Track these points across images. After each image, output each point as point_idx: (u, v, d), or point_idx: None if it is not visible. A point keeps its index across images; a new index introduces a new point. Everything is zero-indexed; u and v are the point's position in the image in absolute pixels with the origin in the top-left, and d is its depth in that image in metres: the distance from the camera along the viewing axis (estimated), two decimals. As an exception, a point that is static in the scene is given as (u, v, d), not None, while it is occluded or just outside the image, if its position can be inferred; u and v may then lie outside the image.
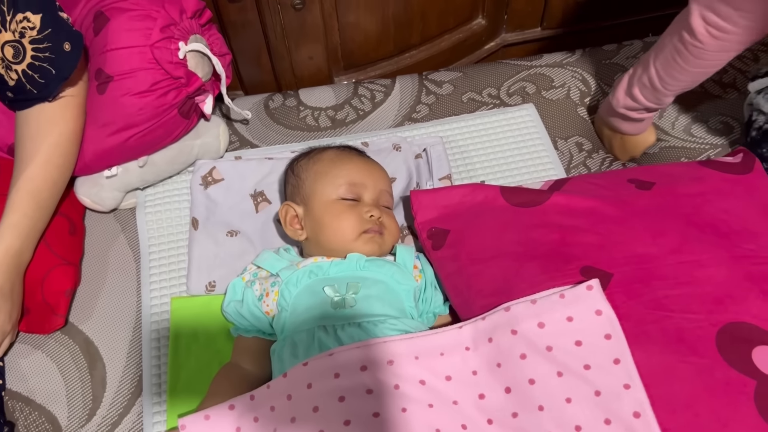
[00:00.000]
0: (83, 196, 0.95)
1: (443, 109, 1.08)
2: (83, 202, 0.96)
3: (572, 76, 1.11)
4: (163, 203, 0.98)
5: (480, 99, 1.09)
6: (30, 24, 0.79)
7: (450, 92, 1.10)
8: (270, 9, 1.01)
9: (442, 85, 1.11)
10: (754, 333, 0.68)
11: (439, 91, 1.10)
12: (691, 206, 0.80)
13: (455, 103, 1.08)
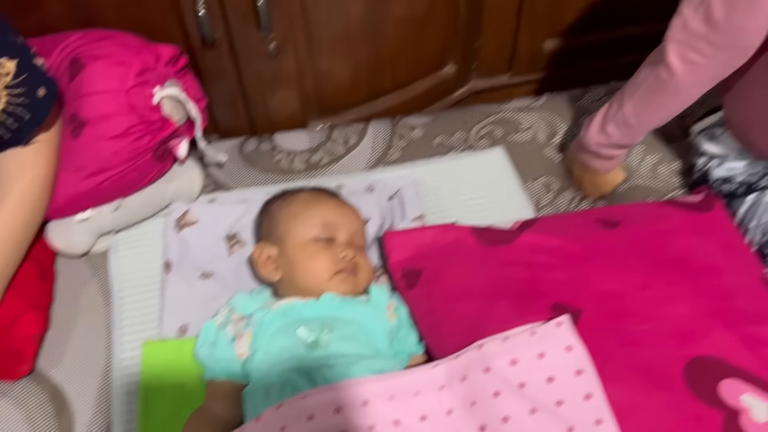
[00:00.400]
0: (54, 240, 0.94)
1: (415, 152, 1.10)
2: (54, 247, 0.95)
3: (539, 120, 1.14)
4: (136, 246, 0.98)
5: (450, 143, 1.12)
6: (5, 70, 0.80)
7: (421, 136, 1.12)
8: (245, 56, 1.03)
9: (413, 129, 1.13)
10: (720, 367, 0.70)
11: (410, 135, 1.13)
12: (656, 244, 0.83)
13: (426, 146, 1.11)
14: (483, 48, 1.29)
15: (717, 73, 0.84)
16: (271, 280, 0.86)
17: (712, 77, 0.84)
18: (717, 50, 0.80)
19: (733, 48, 0.80)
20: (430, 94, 1.27)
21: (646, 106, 0.90)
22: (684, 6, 0.81)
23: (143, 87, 0.89)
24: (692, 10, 0.79)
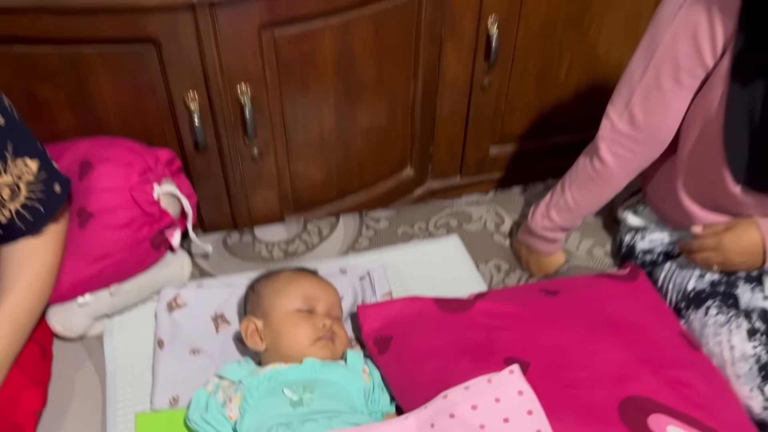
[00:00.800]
0: (55, 323, 1.03)
1: (381, 240, 1.24)
2: (54, 329, 1.03)
3: (487, 212, 1.31)
4: (129, 328, 1.07)
5: (412, 232, 1.27)
6: (28, 168, 0.92)
7: (387, 227, 1.27)
8: (231, 159, 1.18)
9: (379, 221, 1.28)
10: (648, 404, 0.82)
11: (377, 226, 1.28)
12: (591, 308, 0.97)
13: (392, 235, 1.26)
14: (436, 154, 1.47)
15: (641, 164, 1.03)
16: (257, 350, 0.95)
17: (636, 167, 1.03)
18: (639, 145, 1.00)
19: (652, 143, 1.00)
20: (393, 193, 1.44)
21: (584, 193, 1.07)
22: (611, 111, 1.01)
23: (145, 184, 1.02)
24: (618, 114, 0.99)
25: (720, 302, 0.98)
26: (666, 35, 0.92)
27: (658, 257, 1.12)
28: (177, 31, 1.00)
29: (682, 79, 0.93)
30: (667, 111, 0.96)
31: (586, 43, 1.38)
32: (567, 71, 1.41)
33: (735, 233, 0.98)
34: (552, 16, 1.32)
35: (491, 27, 1.27)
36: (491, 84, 1.37)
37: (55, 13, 0.96)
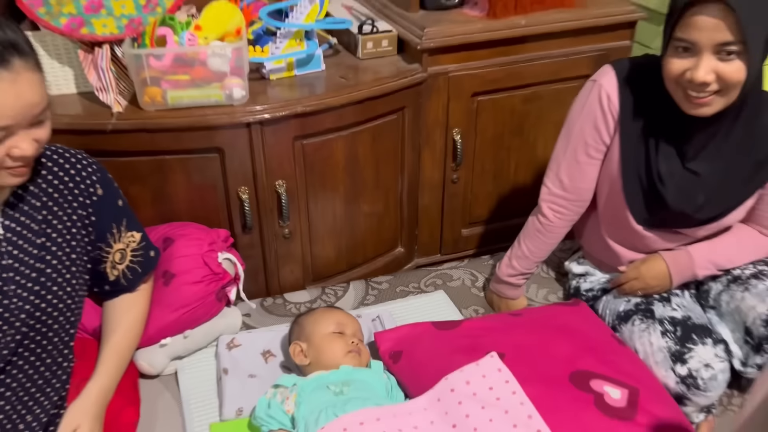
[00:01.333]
0: (141, 362, 1.33)
1: (384, 297, 1.60)
2: (140, 367, 1.33)
3: (464, 273, 1.68)
4: (197, 365, 1.37)
5: (407, 290, 1.63)
6: (133, 239, 1.27)
7: (387, 288, 1.63)
8: (268, 238, 1.55)
9: (381, 284, 1.65)
10: (589, 374, 1.16)
11: (379, 287, 1.63)
12: (546, 321, 1.33)
13: (391, 293, 1.61)
14: (420, 235, 1.86)
15: (573, 217, 1.43)
16: (302, 365, 1.27)
17: (570, 220, 1.44)
18: (570, 203, 1.41)
19: (578, 201, 1.41)
20: (388, 266, 1.80)
21: (535, 243, 1.46)
22: (546, 180, 1.42)
23: (212, 252, 1.38)
24: (551, 182, 1.41)
25: (642, 316, 1.35)
26: (577, 124, 1.36)
27: (598, 293, 1.49)
28: (236, 142, 1.41)
29: (591, 153, 1.36)
30: (585, 176, 1.39)
31: (527, 146, 1.83)
32: (515, 168, 1.86)
33: (648, 264, 1.37)
34: (499, 128, 1.78)
35: (456, 137, 1.72)
36: (459, 179, 1.80)
37: (151, 131, 1.37)
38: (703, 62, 1.11)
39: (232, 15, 1.39)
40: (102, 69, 1.34)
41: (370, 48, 1.64)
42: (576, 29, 1.72)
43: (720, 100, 1.16)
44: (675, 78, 1.17)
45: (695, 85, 1.14)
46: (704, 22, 1.09)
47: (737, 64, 1.11)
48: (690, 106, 1.18)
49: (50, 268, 1.11)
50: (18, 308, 1.06)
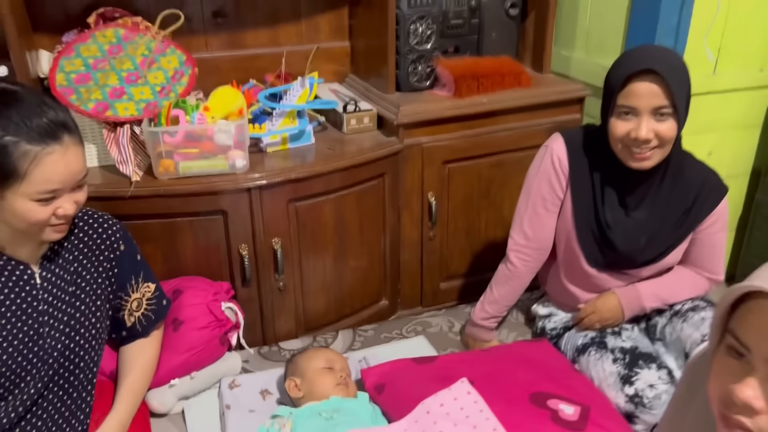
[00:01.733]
0: (152, 401, 1.48)
1: (369, 343, 1.77)
2: (151, 406, 1.48)
3: (442, 320, 1.87)
4: (202, 404, 1.53)
5: (391, 336, 1.80)
6: (149, 289, 1.46)
7: (372, 335, 1.81)
8: (265, 290, 1.74)
9: (367, 331, 1.82)
10: (547, 395, 1.34)
11: (365, 335, 1.81)
12: (511, 354, 1.51)
13: (376, 339, 1.79)
14: (402, 289, 2.05)
15: (536, 264, 1.63)
16: (296, 397, 1.43)
17: (534, 267, 1.64)
18: (533, 251, 1.61)
19: (540, 249, 1.62)
20: (373, 317, 1.98)
21: (504, 288, 1.66)
22: (512, 233, 1.63)
23: (215, 302, 1.57)
24: (516, 234, 1.62)
25: (596, 347, 1.53)
26: (534, 183, 1.59)
27: (560, 331, 1.68)
28: (238, 204, 1.62)
29: (548, 207, 1.58)
30: (544, 227, 1.60)
31: (495, 207, 2.06)
32: (485, 226, 2.08)
33: (603, 299, 1.57)
34: (469, 191, 2.01)
35: (431, 199, 1.95)
36: (435, 237, 2.01)
37: (164, 197, 1.58)
38: (644, 123, 1.35)
39: (235, 98, 1.63)
40: (123, 145, 1.57)
41: (354, 124, 1.89)
42: (532, 105, 1.98)
43: (658, 153, 1.39)
44: (620, 138, 1.40)
45: (639, 143, 1.37)
46: (643, 90, 1.34)
47: (670, 122, 1.36)
48: (633, 161, 1.41)
49: (79, 313, 1.29)
50: (51, 347, 1.23)
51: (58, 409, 1.26)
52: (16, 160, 1.07)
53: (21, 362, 1.19)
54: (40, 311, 1.23)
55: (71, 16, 1.85)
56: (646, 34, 1.95)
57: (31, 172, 1.09)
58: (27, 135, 1.08)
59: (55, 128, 1.12)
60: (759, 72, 2.12)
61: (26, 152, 1.08)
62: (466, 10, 2.04)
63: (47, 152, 1.09)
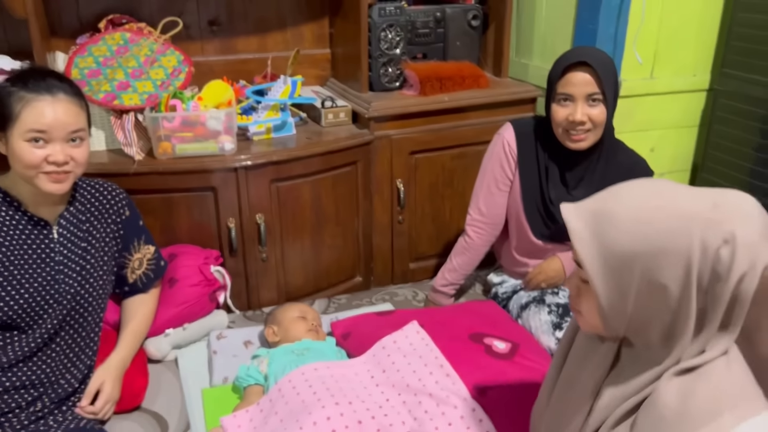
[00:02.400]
0: (150, 347, 1.71)
1: (342, 309, 2.00)
2: (149, 352, 1.71)
3: (408, 291, 2.11)
4: (193, 352, 1.76)
5: (361, 303, 2.04)
6: (149, 251, 1.70)
7: (345, 302, 2.05)
8: (249, 260, 1.97)
9: (340, 299, 2.06)
10: (483, 335, 1.58)
11: (339, 302, 2.05)
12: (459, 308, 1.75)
13: (349, 306, 2.02)
14: (375, 268, 2.29)
15: (490, 237, 1.88)
16: (273, 341, 1.67)
17: (488, 240, 1.88)
18: (487, 225, 1.86)
19: (493, 224, 1.86)
20: (347, 292, 2.21)
21: (462, 258, 1.90)
22: (470, 209, 1.88)
23: (206, 265, 1.81)
24: (473, 210, 1.87)
25: (536, 303, 1.77)
26: (489, 166, 1.84)
27: (510, 294, 1.91)
28: (226, 182, 1.87)
29: (500, 186, 1.83)
30: (496, 204, 1.84)
31: (457, 195, 2.31)
32: (449, 212, 2.32)
33: (548, 262, 1.81)
34: (434, 180, 2.26)
35: (399, 186, 2.19)
36: (404, 221, 2.25)
37: (162, 174, 1.83)
38: (579, 107, 1.61)
39: (225, 90, 1.89)
40: (128, 129, 1.82)
41: (331, 119, 2.15)
42: (489, 104, 2.25)
43: (591, 136, 1.65)
44: (560, 122, 1.65)
45: (575, 125, 1.62)
46: (578, 79, 1.60)
47: (600, 107, 1.62)
48: (571, 143, 1.66)
49: (89, 265, 1.52)
50: (65, 291, 1.46)
51: (69, 345, 1.49)
52: (13, 103, 1.33)
53: (39, 301, 1.42)
54: (56, 261, 1.46)
55: (84, 22, 2.13)
56: (588, 43, 2.22)
57: (22, 112, 1.32)
58: (26, 87, 1.34)
59: (50, 86, 1.35)
60: (693, 77, 2.39)
61: (21, 97, 1.33)
62: (433, 20, 2.31)
63: (38, 99, 1.33)
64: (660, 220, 0.89)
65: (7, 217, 1.42)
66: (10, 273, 1.40)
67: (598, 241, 0.92)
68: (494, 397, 1.36)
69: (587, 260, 0.93)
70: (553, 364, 1.15)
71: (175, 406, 1.58)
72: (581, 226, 0.94)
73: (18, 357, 1.40)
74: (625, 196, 0.94)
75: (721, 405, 0.88)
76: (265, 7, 2.33)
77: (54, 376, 1.45)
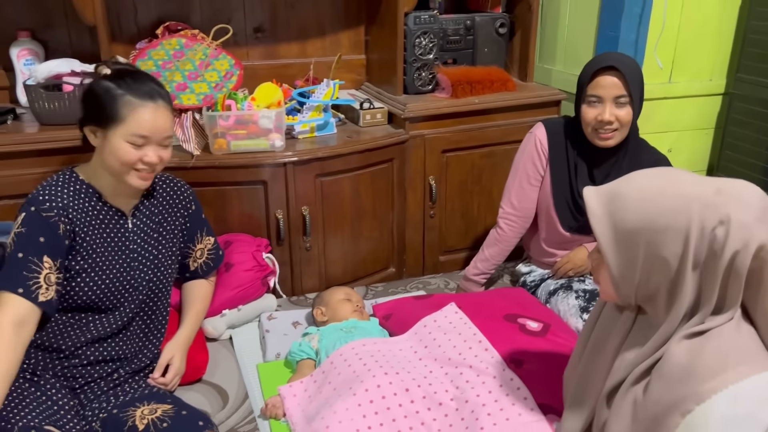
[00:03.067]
0: (207, 326, 1.86)
1: (379, 295, 2.15)
2: (206, 331, 1.86)
3: (440, 280, 2.25)
4: (246, 331, 1.91)
5: (396, 291, 2.18)
6: (209, 242, 1.84)
7: (381, 290, 2.19)
8: (294, 249, 2.13)
9: (378, 287, 2.20)
10: (517, 315, 1.71)
11: (376, 290, 2.19)
12: (492, 293, 1.88)
13: (385, 293, 2.17)
14: (407, 260, 2.43)
15: (521, 230, 2.01)
16: (321, 321, 1.82)
17: (519, 232, 2.02)
18: (519, 218, 2.00)
19: (524, 216, 2.00)
20: (382, 281, 2.36)
21: (493, 249, 2.04)
22: (502, 203, 2.02)
23: (258, 252, 1.96)
24: (505, 204, 2.01)
25: (564, 290, 1.91)
26: (521, 162, 1.98)
27: (538, 282, 2.05)
28: (276, 177, 2.03)
29: (531, 182, 1.97)
30: (528, 198, 1.98)
31: (486, 192, 2.45)
32: (478, 208, 2.47)
33: (575, 251, 1.94)
34: (464, 177, 2.40)
35: (431, 182, 2.34)
36: (435, 215, 2.40)
37: (217, 168, 1.99)
38: (607, 108, 1.75)
39: (275, 92, 2.05)
40: (186, 127, 1.98)
41: (368, 119, 2.30)
42: (516, 105, 2.39)
43: (618, 135, 1.79)
44: (589, 121, 1.79)
45: (603, 124, 1.76)
46: (606, 82, 1.74)
47: (627, 109, 1.76)
48: (599, 140, 1.80)
49: (161, 255, 1.65)
50: (141, 277, 1.59)
51: (145, 325, 1.63)
52: (120, 107, 1.44)
53: (118, 287, 1.55)
54: (132, 249, 1.59)
55: (140, 29, 2.30)
56: (610, 49, 2.36)
57: (128, 117, 1.44)
58: (132, 92, 1.46)
59: (153, 92, 1.48)
60: (709, 81, 2.52)
61: (129, 102, 1.45)
62: (463, 28, 2.46)
63: (143, 105, 1.46)
64: (662, 201, 1.03)
65: (89, 207, 1.53)
66: (93, 260, 1.51)
67: (610, 218, 1.06)
68: (530, 368, 1.50)
69: (600, 235, 1.07)
70: (583, 332, 1.29)
71: (233, 379, 1.73)
72: (596, 205, 1.08)
73: (101, 335, 1.53)
74: (636, 179, 1.08)
75: (726, 362, 1.00)
76: (306, 16, 2.49)
77: (131, 352, 1.59)
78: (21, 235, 1.41)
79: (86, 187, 1.54)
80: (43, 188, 1.49)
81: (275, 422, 1.54)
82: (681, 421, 0.99)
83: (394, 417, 1.42)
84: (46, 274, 1.41)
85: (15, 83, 2.16)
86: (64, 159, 1.92)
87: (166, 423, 1.37)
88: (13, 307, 1.35)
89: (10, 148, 1.87)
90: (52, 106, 1.95)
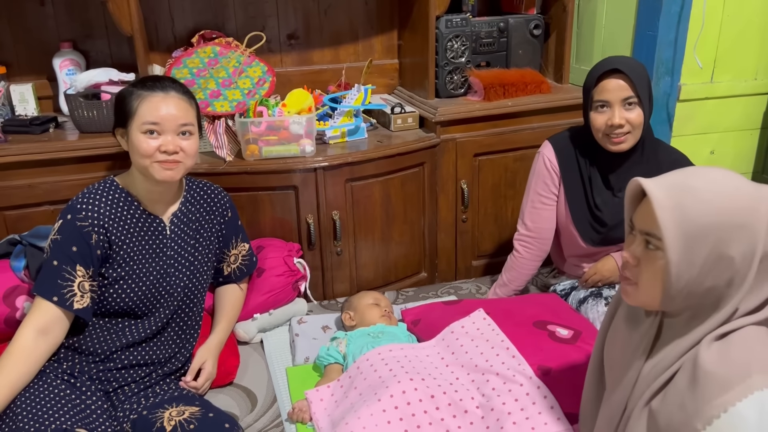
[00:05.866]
0: (239, 330, 1.89)
1: (410, 300, 2.14)
2: (238, 335, 1.89)
3: (471, 285, 2.23)
4: (276, 335, 1.93)
5: (427, 296, 2.17)
6: (244, 248, 1.86)
7: (412, 294, 2.19)
8: (325, 254, 2.14)
9: (408, 292, 2.20)
10: (547, 322, 1.69)
11: (407, 294, 2.19)
12: (523, 298, 1.86)
13: (416, 298, 2.16)
14: (439, 265, 2.42)
15: (539, 253, 1.98)
16: (350, 326, 1.82)
17: (537, 255, 1.98)
18: (534, 240, 1.97)
19: (540, 239, 1.96)
20: (413, 286, 2.35)
21: (511, 274, 2.01)
22: (517, 225, 1.99)
23: (290, 257, 1.98)
24: (520, 226, 1.98)
25: (594, 297, 1.87)
26: (532, 183, 1.95)
27: (568, 291, 2.02)
28: (306, 182, 2.05)
29: (544, 201, 1.94)
30: (542, 219, 1.95)
31: (519, 195, 2.40)
32: (511, 212, 2.44)
33: (602, 262, 1.90)
34: (496, 181, 2.38)
35: (463, 186, 2.33)
36: (467, 220, 2.38)
37: (250, 174, 2.02)
38: (617, 112, 1.72)
39: (306, 98, 2.07)
40: (219, 134, 2.02)
41: (400, 123, 2.30)
42: (550, 108, 2.36)
43: (630, 138, 1.74)
44: (600, 127, 1.76)
45: (614, 128, 1.73)
46: (612, 86, 1.71)
47: (637, 110, 1.71)
48: (612, 145, 1.77)
49: (197, 261, 1.68)
50: (176, 283, 1.62)
51: (180, 330, 1.66)
52: (132, 101, 1.50)
53: (154, 293, 1.58)
54: (169, 255, 1.62)
55: (177, 38, 2.35)
56: (648, 49, 2.31)
57: (139, 107, 1.49)
58: (144, 87, 1.52)
59: (164, 85, 1.52)
60: (754, 81, 2.43)
61: (139, 95, 1.50)
62: (496, 30, 2.44)
63: (152, 95, 1.50)
64: (739, 198, 1.00)
65: (128, 214, 1.56)
66: (130, 267, 1.55)
67: (680, 210, 1.00)
68: (558, 376, 1.47)
69: (666, 227, 1.00)
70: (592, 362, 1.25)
71: (263, 383, 1.75)
72: (663, 195, 1.01)
73: (136, 340, 1.57)
74: (705, 175, 1.03)
75: (751, 368, 0.96)
76: (339, 22, 2.51)
77: (165, 356, 1.62)
78: (56, 242, 1.46)
79: (125, 195, 1.57)
80: (82, 196, 1.53)
81: (302, 426, 1.56)
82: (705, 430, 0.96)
83: (419, 423, 1.42)
84: (80, 282, 1.45)
85: (58, 93, 2.24)
86: (102, 166, 1.99)
87: (192, 425, 1.40)
88: (42, 314, 1.40)
89: (50, 156, 1.94)
90: (91, 115, 2.01)
